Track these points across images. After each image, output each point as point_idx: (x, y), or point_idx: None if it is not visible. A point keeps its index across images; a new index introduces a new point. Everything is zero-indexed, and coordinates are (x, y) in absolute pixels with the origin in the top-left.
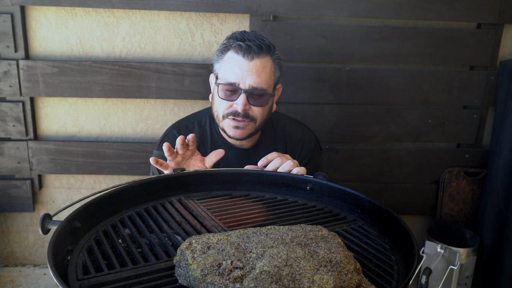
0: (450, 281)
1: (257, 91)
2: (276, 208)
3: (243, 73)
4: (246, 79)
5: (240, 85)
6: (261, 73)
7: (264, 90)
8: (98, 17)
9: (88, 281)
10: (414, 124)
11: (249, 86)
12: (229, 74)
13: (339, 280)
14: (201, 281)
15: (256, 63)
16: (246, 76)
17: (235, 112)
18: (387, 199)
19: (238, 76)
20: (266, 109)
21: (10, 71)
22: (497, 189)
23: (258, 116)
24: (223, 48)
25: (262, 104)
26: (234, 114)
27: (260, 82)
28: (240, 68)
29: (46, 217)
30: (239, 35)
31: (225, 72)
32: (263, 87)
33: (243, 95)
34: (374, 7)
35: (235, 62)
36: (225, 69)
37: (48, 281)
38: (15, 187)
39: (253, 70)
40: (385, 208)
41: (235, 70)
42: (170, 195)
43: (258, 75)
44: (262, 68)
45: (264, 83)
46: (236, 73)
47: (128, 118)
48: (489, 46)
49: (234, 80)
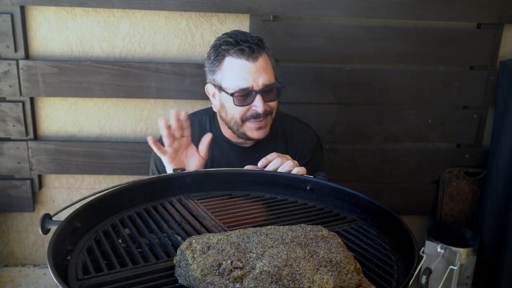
0: (450, 281)
1: (269, 87)
2: (276, 208)
3: (253, 75)
4: (258, 80)
5: (254, 88)
6: (267, 69)
7: (274, 85)
8: (98, 17)
9: (88, 281)
10: (414, 124)
11: (262, 86)
12: (239, 80)
13: (339, 280)
14: (201, 281)
15: (260, 62)
16: (257, 77)
17: (256, 114)
18: (387, 199)
19: (249, 79)
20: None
21: (10, 71)
22: (497, 189)
23: (273, 108)
24: (217, 57)
25: (275, 97)
26: (255, 117)
27: (269, 78)
28: (248, 71)
29: (46, 217)
30: (230, 39)
31: (233, 80)
32: (273, 81)
33: (259, 96)
34: (374, 7)
35: (241, 67)
36: (231, 77)
37: (48, 281)
38: (15, 187)
39: (261, 69)
40: (385, 208)
41: (243, 74)
42: (170, 195)
43: (266, 72)
44: (265, 64)
45: (272, 78)
46: (246, 77)
47: (128, 118)
48: (489, 46)
49: (246, 85)
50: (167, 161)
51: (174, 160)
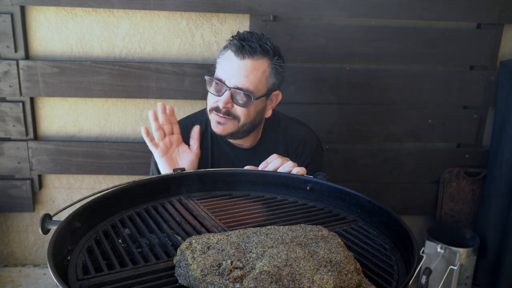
0: (450, 281)
1: (241, 91)
2: (276, 208)
3: (232, 71)
4: (233, 77)
5: (226, 83)
6: (250, 74)
7: (249, 92)
8: (98, 17)
9: (88, 281)
10: (414, 124)
11: (234, 85)
12: (220, 70)
13: (339, 280)
14: (201, 281)
15: (246, 63)
16: (233, 74)
17: (217, 108)
18: (387, 199)
19: (226, 73)
20: (252, 111)
21: (10, 71)
22: (500, 189)
23: (241, 116)
24: (225, 45)
25: (245, 105)
26: (216, 110)
27: (246, 83)
28: (230, 66)
29: (46, 217)
30: (241, 35)
31: (219, 68)
32: (249, 88)
33: (227, 93)
34: (374, 7)
35: (229, 60)
36: (220, 65)
37: (48, 281)
38: (15, 187)
39: (241, 70)
40: (385, 208)
41: (225, 67)
42: (170, 195)
43: (246, 75)
44: (252, 69)
45: (251, 85)
46: (226, 71)
47: (128, 118)
48: (489, 46)
49: (221, 77)
50: (158, 155)
51: (166, 155)
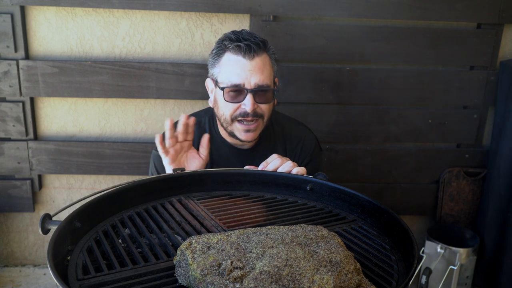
0: (450, 281)
1: (262, 88)
2: (276, 208)
3: (247, 73)
4: (251, 78)
5: (246, 85)
6: (263, 70)
7: (268, 87)
8: (98, 17)
9: (88, 281)
10: (414, 124)
11: (255, 85)
12: (232, 76)
13: (339, 280)
14: (201, 281)
15: (257, 61)
16: (250, 75)
17: (244, 113)
18: (387, 199)
19: (242, 76)
20: (271, 104)
21: (10, 71)
22: (499, 189)
23: (265, 112)
24: (218, 51)
25: (268, 100)
26: (243, 115)
27: (264, 79)
28: (242, 68)
29: (46, 217)
30: (233, 36)
31: (227, 75)
32: (267, 83)
33: (250, 95)
34: (374, 7)
35: (236, 63)
36: (226, 72)
37: (48, 281)
38: (15, 187)
39: (256, 69)
40: (385, 208)
41: (237, 71)
42: (170, 195)
43: (261, 72)
44: (263, 65)
45: (268, 80)
46: (240, 74)
47: (128, 118)
48: (489, 46)
49: (238, 81)
50: (168, 161)
51: (175, 162)
